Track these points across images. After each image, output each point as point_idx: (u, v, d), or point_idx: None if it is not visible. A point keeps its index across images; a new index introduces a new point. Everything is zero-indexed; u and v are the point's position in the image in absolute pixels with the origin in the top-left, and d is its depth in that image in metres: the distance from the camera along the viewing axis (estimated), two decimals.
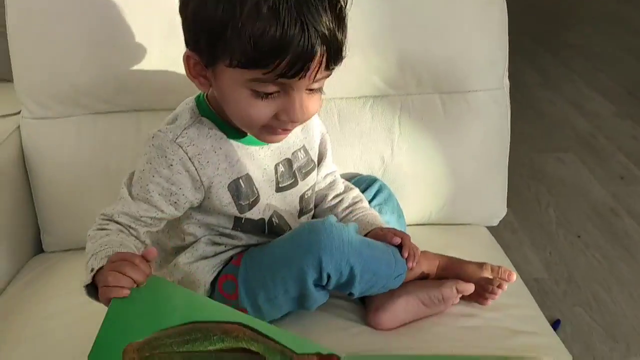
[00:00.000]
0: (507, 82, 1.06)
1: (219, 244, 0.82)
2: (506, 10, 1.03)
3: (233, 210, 0.79)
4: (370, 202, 0.94)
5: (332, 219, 0.77)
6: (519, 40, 3.13)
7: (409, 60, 1.00)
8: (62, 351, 0.79)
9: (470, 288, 0.84)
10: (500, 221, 1.14)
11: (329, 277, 0.75)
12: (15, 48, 0.99)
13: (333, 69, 0.69)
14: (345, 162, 1.02)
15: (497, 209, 1.11)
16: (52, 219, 1.06)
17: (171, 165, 0.74)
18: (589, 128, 2.29)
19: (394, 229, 0.86)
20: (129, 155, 1.01)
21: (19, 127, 1.04)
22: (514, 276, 0.85)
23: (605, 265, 1.60)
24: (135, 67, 0.99)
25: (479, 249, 1.03)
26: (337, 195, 0.92)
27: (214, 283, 0.82)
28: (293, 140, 0.84)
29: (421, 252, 0.85)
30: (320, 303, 0.80)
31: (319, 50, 0.65)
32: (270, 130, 0.73)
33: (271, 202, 0.82)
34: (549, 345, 0.81)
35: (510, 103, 1.08)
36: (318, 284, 0.76)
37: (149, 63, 0.98)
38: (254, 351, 0.68)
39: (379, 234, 0.83)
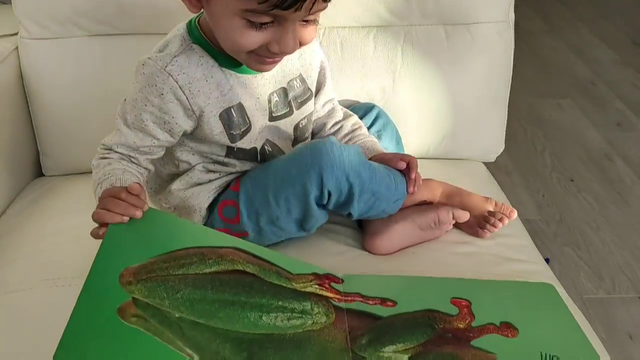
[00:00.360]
0: (512, 15, 1.04)
1: (213, 171, 0.83)
2: None
3: (224, 139, 0.79)
4: (368, 129, 0.95)
5: (333, 139, 0.77)
6: None
7: None
8: (59, 268, 0.80)
9: (465, 216, 0.86)
10: (495, 163, 1.15)
11: (329, 194, 0.76)
12: None
13: (329, 1, 0.67)
14: (347, 92, 1.02)
15: (495, 144, 1.11)
16: (51, 142, 1.06)
17: (162, 94, 0.73)
18: (589, 75, 2.28)
19: (399, 153, 0.87)
20: (128, 79, 0.99)
21: (17, 48, 1.03)
22: (515, 213, 0.87)
23: (596, 208, 1.62)
24: None
25: (476, 184, 1.03)
26: (336, 123, 0.92)
27: (211, 210, 0.83)
28: (289, 68, 0.83)
29: (424, 179, 0.87)
30: (320, 224, 0.82)
31: None
32: (258, 58, 0.72)
33: (264, 131, 0.82)
34: (538, 272, 0.83)
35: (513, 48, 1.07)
36: (319, 203, 0.77)
37: None
38: (249, 272, 0.70)
39: (384, 158, 0.83)
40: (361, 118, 0.95)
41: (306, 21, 0.69)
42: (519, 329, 0.68)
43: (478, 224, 0.87)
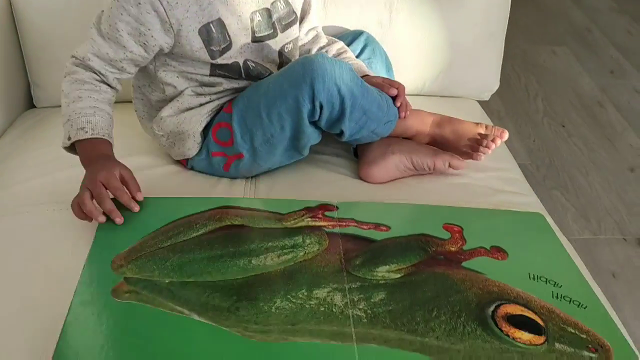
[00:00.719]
0: None
1: (203, 95, 0.83)
2: None
3: (205, 56, 0.78)
4: (358, 56, 0.94)
5: (325, 54, 0.77)
6: None
7: None
8: (52, 194, 0.81)
9: (461, 165, 0.86)
10: (488, 108, 1.15)
11: (321, 108, 0.76)
12: None
13: None
14: (342, 25, 1.01)
15: (490, 81, 1.12)
16: (42, 71, 1.04)
17: (139, 3, 0.72)
18: (585, 22, 2.26)
19: (388, 78, 0.87)
20: None
21: None
22: (506, 134, 0.87)
23: (585, 152, 1.64)
24: None
25: (470, 119, 1.04)
26: (320, 48, 0.91)
27: (205, 134, 0.84)
28: None
29: (416, 110, 0.87)
30: (313, 143, 0.82)
31: None
32: None
33: (245, 50, 0.81)
34: (529, 204, 0.85)
35: None
36: (312, 120, 0.78)
37: None
38: (238, 224, 0.71)
39: (373, 82, 0.83)
40: (349, 44, 0.94)
41: None
42: (509, 253, 0.70)
43: (471, 147, 0.87)
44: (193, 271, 0.65)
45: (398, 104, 0.83)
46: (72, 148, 0.76)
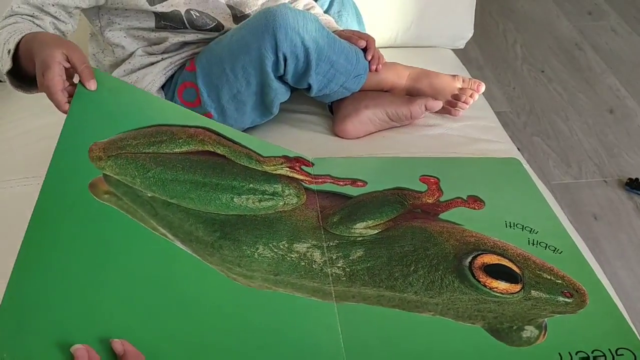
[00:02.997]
0: None
1: (153, 54, 0.80)
2: None
3: (142, 2, 0.75)
4: (328, 10, 0.92)
5: (288, 4, 0.75)
6: None
7: None
8: (24, 167, 0.79)
9: (438, 105, 0.85)
10: (466, 57, 1.13)
11: (285, 60, 0.74)
12: None
13: None
14: None
15: (463, 29, 1.09)
16: None
17: None
18: None
19: (357, 31, 0.84)
20: None
21: None
22: (483, 86, 0.86)
23: (565, 97, 1.63)
24: None
25: (445, 69, 1.02)
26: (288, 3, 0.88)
27: (171, 96, 0.81)
28: None
29: (390, 62, 0.85)
30: (281, 100, 0.80)
31: None
32: None
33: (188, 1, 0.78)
34: (505, 151, 0.84)
35: None
36: (277, 74, 0.76)
37: None
38: (219, 154, 0.69)
39: (342, 36, 0.81)
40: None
41: None
42: (485, 202, 0.70)
43: (449, 103, 0.86)
44: (176, 192, 0.61)
45: (369, 58, 0.81)
46: (18, 78, 0.68)
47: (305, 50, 0.73)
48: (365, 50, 0.81)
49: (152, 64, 0.80)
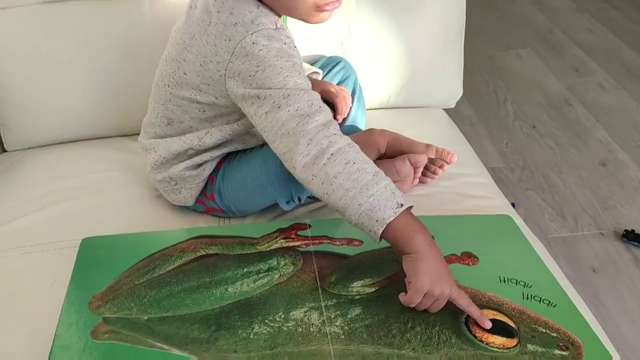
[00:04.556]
0: None
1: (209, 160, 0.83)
2: None
3: None
4: (339, 84, 0.97)
5: None
6: None
7: None
8: (28, 236, 0.82)
9: (422, 159, 0.87)
10: (459, 115, 1.17)
11: (299, 198, 0.80)
12: None
13: None
14: (305, 48, 1.02)
15: (453, 90, 1.13)
16: (10, 114, 1.04)
17: (293, 43, 0.72)
18: (547, 24, 2.31)
19: (339, 87, 0.91)
20: (77, 45, 0.99)
21: None
22: (455, 158, 0.89)
23: (557, 151, 1.67)
24: None
25: (437, 129, 1.06)
26: None
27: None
28: None
29: (367, 130, 0.89)
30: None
31: None
32: (320, 7, 0.70)
33: None
34: (497, 207, 0.86)
35: (472, 1, 1.08)
36: (289, 202, 0.81)
37: None
38: (212, 253, 0.72)
39: (325, 90, 0.88)
40: (329, 72, 0.97)
41: None
42: (479, 258, 0.71)
43: (421, 172, 0.89)
44: (170, 305, 0.65)
45: (338, 118, 0.89)
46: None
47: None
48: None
49: (212, 160, 0.83)
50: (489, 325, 0.61)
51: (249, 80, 0.69)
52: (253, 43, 0.68)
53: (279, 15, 0.73)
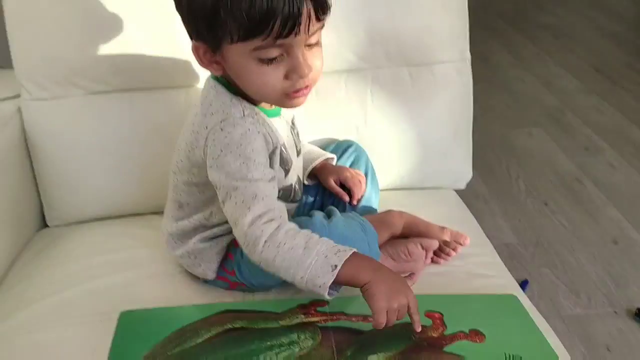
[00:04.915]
0: (468, 55, 1.15)
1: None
2: None
3: (281, 175, 0.86)
4: (352, 166, 1.05)
5: (317, 218, 0.83)
6: (492, 21, 3.27)
7: (378, 35, 1.09)
8: (71, 308, 0.88)
9: (434, 244, 0.94)
10: (472, 192, 1.24)
11: None
12: (14, 33, 1.05)
13: (324, 19, 0.75)
14: (324, 132, 1.11)
15: (463, 172, 1.21)
16: (54, 194, 1.13)
17: (258, 132, 0.79)
18: (557, 104, 2.41)
19: (353, 171, 0.99)
20: (124, 131, 1.09)
21: (20, 109, 1.11)
22: (468, 241, 0.95)
23: (569, 229, 1.71)
24: (128, 50, 1.06)
25: (447, 210, 1.13)
26: None
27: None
28: (288, 111, 0.91)
29: (386, 211, 0.96)
30: None
31: (305, 5, 0.71)
32: (289, 94, 0.78)
33: (295, 165, 0.90)
34: (504, 286, 0.91)
35: (484, 83, 1.18)
36: None
37: (140, 45, 1.06)
38: (238, 327, 0.78)
39: (342, 177, 0.97)
40: (341, 156, 1.05)
41: (309, 45, 0.77)
42: (486, 335, 0.76)
43: (435, 252, 0.95)
44: None
45: (355, 203, 0.96)
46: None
47: None
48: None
49: (229, 233, 0.86)
50: (419, 328, 0.74)
51: (214, 164, 0.78)
52: (221, 130, 0.78)
53: (255, 104, 0.83)
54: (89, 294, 0.89)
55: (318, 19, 0.74)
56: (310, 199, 1.02)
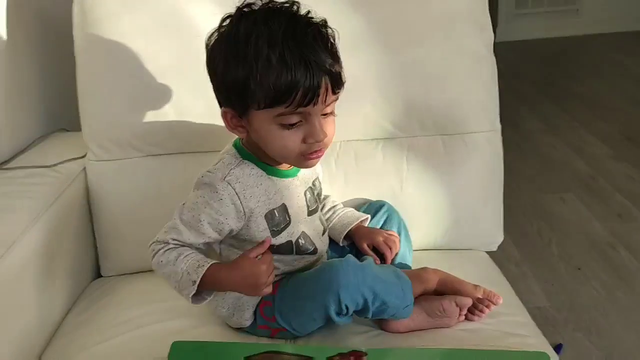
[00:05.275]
0: (499, 125, 1.23)
1: None
2: (495, 65, 1.21)
3: (267, 234, 0.93)
4: (384, 225, 1.11)
5: (351, 258, 0.91)
6: (524, 88, 3.36)
7: (413, 106, 1.18)
8: (125, 354, 0.94)
9: (468, 302, 0.98)
10: (504, 255, 1.28)
11: (347, 307, 0.88)
12: (84, 101, 1.19)
13: (338, 92, 0.87)
14: (361, 195, 1.19)
15: (494, 236, 1.26)
16: (110, 246, 1.22)
17: (221, 199, 0.89)
18: (588, 170, 2.44)
19: (387, 232, 1.05)
20: (176, 190, 1.17)
21: (84, 169, 1.23)
22: (501, 300, 0.99)
23: (603, 294, 1.72)
24: (183, 117, 1.18)
25: (479, 271, 1.17)
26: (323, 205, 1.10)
27: (256, 306, 0.96)
28: (310, 172, 1.01)
29: (421, 268, 1.01)
30: (345, 323, 0.94)
31: (323, 80, 0.82)
32: (305, 155, 0.88)
33: (301, 225, 0.97)
34: (536, 345, 0.94)
35: (515, 148, 1.25)
36: (339, 313, 0.90)
37: (194, 113, 1.17)
38: None
39: (375, 241, 1.04)
40: (373, 216, 1.11)
41: (325, 114, 0.88)
42: None
43: (468, 309, 0.99)
44: None
45: (389, 262, 1.02)
46: (199, 296, 0.88)
47: (364, 299, 0.88)
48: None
49: None
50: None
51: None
52: (202, 176, 0.91)
53: (273, 165, 0.93)
54: (141, 339, 0.95)
55: (334, 92, 0.86)
56: None
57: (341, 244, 1.07)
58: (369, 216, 1.10)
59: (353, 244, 1.08)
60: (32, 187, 1.14)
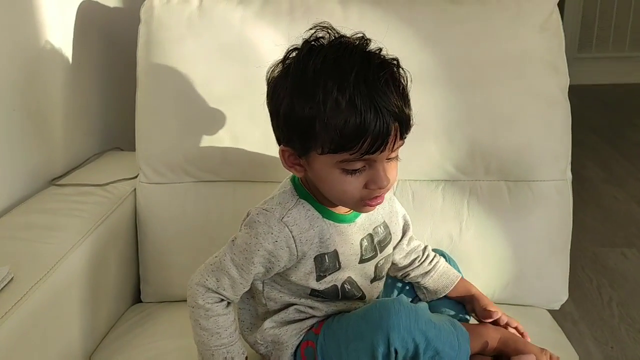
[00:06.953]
0: (569, 175, 1.15)
1: (303, 312, 0.92)
2: (570, 111, 1.14)
3: (312, 277, 0.88)
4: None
5: (403, 298, 0.85)
6: (585, 136, 3.24)
7: (478, 149, 1.12)
8: None
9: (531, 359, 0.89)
10: (561, 312, 1.19)
11: (396, 351, 0.81)
12: (141, 122, 1.18)
13: (405, 137, 0.81)
14: (418, 238, 1.11)
15: (558, 293, 1.17)
16: (152, 271, 1.20)
17: (276, 241, 0.84)
18: None
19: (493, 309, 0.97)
20: (225, 218, 1.15)
21: (134, 190, 1.21)
22: None
23: None
24: (237, 145, 1.15)
25: (540, 331, 1.08)
26: (410, 263, 1.01)
27: (297, 347, 0.91)
28: (375, 217, 0.94)
29: (480, 323, 0.94)
30: None
31: (393, 126, 0.76)
32: (364, 201, 0.83)
33: (349, 271, 0.91)
34: None
35: (575, 197, 1.16)
36: (387, 356, 0.82)
37: (248, 142, 1.15)
38: None
39: (480, 305, 0.98)
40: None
41: (389, 159, 0.82)
42: None
43: None
44: None
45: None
46: None
47: (415, 345, 0.81)
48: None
49: (302, 320, 0.91)
50: None
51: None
52: (257, 213, 0.86)
53: (329, 206, 0.87)
54: None
55: (401, 137, 0.80)
56: None
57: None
58: (460, 276, 1.03)
59: (406, 283, 1.02)
60: (81, 206, 1.14)
